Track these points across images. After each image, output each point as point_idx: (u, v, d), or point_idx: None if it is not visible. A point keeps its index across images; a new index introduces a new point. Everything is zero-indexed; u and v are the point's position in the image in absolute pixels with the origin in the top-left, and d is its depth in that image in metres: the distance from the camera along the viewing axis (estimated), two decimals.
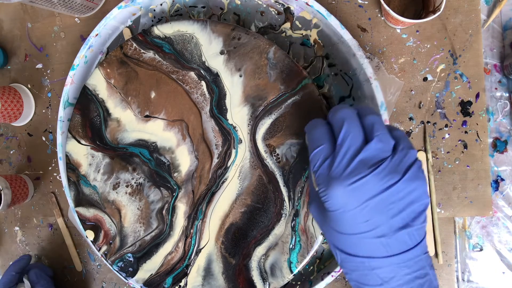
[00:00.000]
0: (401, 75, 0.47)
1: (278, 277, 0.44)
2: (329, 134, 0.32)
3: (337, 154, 0.30)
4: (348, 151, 0.30)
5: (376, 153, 0.29)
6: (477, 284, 0.47)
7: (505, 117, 0.46)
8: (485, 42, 0.46)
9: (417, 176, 0.29)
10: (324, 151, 0.31)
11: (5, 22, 0.62)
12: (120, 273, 0.48)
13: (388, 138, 0.30)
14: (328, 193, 0.30)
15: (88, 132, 0.49)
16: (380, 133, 0.30)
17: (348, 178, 0.29)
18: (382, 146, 0.30)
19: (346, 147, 0.30)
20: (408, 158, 0.30)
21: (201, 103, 0.46)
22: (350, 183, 0.29)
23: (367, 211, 0.29)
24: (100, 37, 0.52)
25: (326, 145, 0.32)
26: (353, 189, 0.29)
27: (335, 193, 0.29)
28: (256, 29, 0.49)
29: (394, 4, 0.46)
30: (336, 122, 0.32)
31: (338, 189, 0.29)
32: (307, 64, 0.48)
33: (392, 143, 0.30)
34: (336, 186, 0.29)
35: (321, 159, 0.31)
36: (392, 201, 0.29)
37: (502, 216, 0.46)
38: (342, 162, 0.30)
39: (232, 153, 0.45)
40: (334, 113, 0.33)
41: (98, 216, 0.49)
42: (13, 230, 0.63)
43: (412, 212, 0.29)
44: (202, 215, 0.46)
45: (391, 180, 0.28)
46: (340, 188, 0.29)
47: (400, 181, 0.28)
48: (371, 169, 0.29)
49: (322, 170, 0.31)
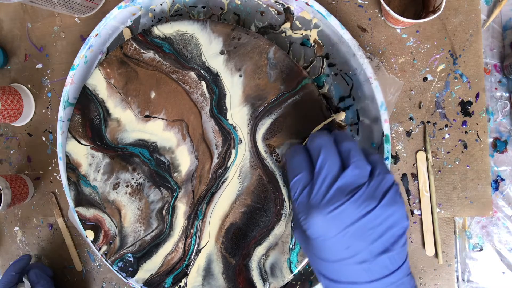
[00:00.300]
0: (401, 75, 0.47)
1: (278, 277, 0.44)
2: (307, 161, 0.33)
3: (315, 182, 0.31)
4: (326, 179, 0.31)
5: (353, 179, 0.30)
6: (477, 284, 0.47)
7: (505, 117, 0.46)
8: (485, 42, 0.46)
9: (394, 201, 0.30)
10: (302, 180, 0.32)
11: (5, 22, 0.62)
12: (120, 273, 0.48)
13: (365, 164, 0.31)
14: (309, 221, 0.30)
15: (88, 132, 0.49)
16: (356, 159, 0.31)
17: (326, 206, 0.30)
18: (359, 172, 0.30)
19: (324, 175, 0.31)
20: (385, 183, 0.30)
21: (201, 103, 0.46)
22: (329, 211, 0.29)
23: (347, 238, 0.29)
24: (100, 37, 0.52)
25: (305, 173, 0.32)
26: (332, 217, 0.29)
27: (315, 222, 0.30)
28: (256, 29, 0.49)
29: (394, 4, 0.46)
30: (314, 150, 0.33)
31: (318, 218, 0.30)
32: (307, 64, 0.48)
33: (368, 168, 0.31)
34: (315, 214, 0.30)
35: (300, 188, 0.32)
36: (371, 227, 0.29)
37: (502, 216, 0.46)
38: (320, 191, 0.31)
39: (232, 153, 0.45)
40: (311, 140, 0.34)
41: (98, 216, 0.49)
42: (13, 230, 0.63)
43: (391, 237, 0.30)
44: (202, 215, 0.46)
45: (368, 207, 0.29)
46: (319, 216, 0.30)
47: (378, 207, 0.29)
48: (349, 197, 0.29)
49: (301, 198, 0.32)
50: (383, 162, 0.32)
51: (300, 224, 0.32)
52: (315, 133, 0.34)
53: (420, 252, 0.47)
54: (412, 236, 0.48)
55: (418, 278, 0.47)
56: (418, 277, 0.47)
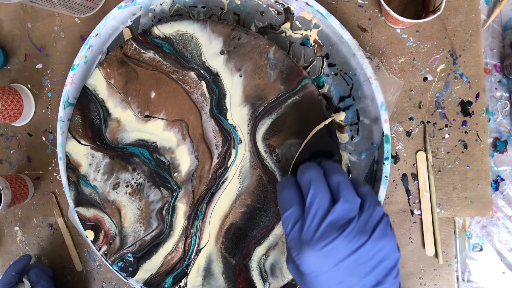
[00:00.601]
0: (401, 75, 0.47)
1: (278, 277, 0.44)
2: (298, 195, 0.34)
3: (306, 218, 0.31)
4: (316, 215, 0.31)
5: (343, 214, 0.31)
6: (477, 284, 0.47)
7: (505, 117, 0.46)
8: (485, 42, 0.46)
9: (385, 234, 0.30)
10: (293, 215, 0.32)
11: (5, 22, 0.62)
12: (120, 273, 0.48)
13: (354, 197, 0.31)
14: (301, 257, 0.31)
15: (88, 132, 0.49)
16: (345, 193, 0.31)
17: (318, 242, 0.30)
18: (349, 206, 0.31)
19: (314, 210, 0.31)
20: (375, 215, 0.31)
21: (201, 103, 0.46)
22: (321, 247, 0.30)
23: (339, 273, 0.30)
24: (100, 37, 0.52)
25: (295, 208, 0.33)
26: (324, 253, 0.30)
27: (307, 258, 0.30)
28: (256, 29, 0.49)
29: (394, 4, 0.46)
30: (304, 184, 0.33)
31: (310, 254, 0.30)
32: (307, 64, 0.48)
33: (358, 201, 0.31)
34: (307, 251, 0.30)
35: (291, 223, 0.32)
36: (363, 261, 0.30)
37: (502, 216, 0.46)
38: (311, 226, 0.31)
39: (232, 153, 0.45)
40: (301, 174, 0.34)
41: (98, 216, 0.49)
42: (13, 230, 0.63)
43: (383, 269, 0.30)
44: (202, 215, 0.46)
45: (359, 241, 0.29)
46: (311, 253, 0.30)
47: (369, 241, 0.30)
48: (339, 232, 0.30)
49: (293, 234, 0.32)
50: (373, 194, 0.33)
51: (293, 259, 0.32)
52: (305, 165, 0.35)
53: (420, 252, 0.47)
54: (412, 236, 0.48)
55: (418, 278, 0.47)
56: (418, 277, 0.47)
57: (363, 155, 0.46)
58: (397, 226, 0.48)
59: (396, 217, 0.48)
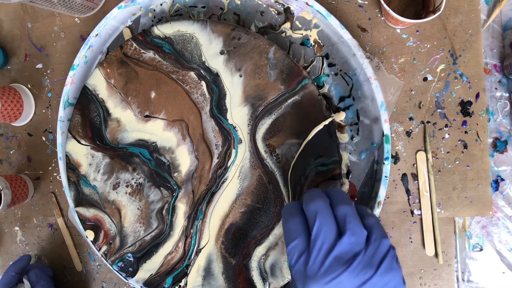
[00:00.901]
0: (401, 75, 0.47)
1: (278, 277, 0.44)
2: (303, 226, 0.33)
3: (311, 250, 0.31)
4: (322, 248, 0.31)
5: (350, 247, 0.30)
6: (477, 284, 0.47)
7: (505, 117, 0.46)
8: (485, 42, 0.46)
9: (391, 267, 0.30)
10: (299, 246, 0.32)
11: (5, 22, 0.62)
12: (120, 273, 0.48)
13: (361, 229, 0.31)
14: None
15: (88, 132, 0.49)
16: (352, 225, 0.31)
17: (323, 277, 0.30)
18: (355, 240, 0.30)
19: (320, 243, 0.31)
20: (381, 249, 0.30)
21: (201, 103, 0.46)
22: (326, 282, 0.29)
23: None
24: (100, 37, 0.52)
25: (301, 239, 0.32)
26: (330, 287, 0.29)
27: None
28: (256, 29, 0.49)
29: (394, 4, 0.46)
30: (309, 214, 0.33)
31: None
32: (307, 64, 0.48)
33: (364, 234, 0.31)
34: (312, 285, 0.30)
35: (296, 255, 0.32)
36: None
37: (502, 216, 0.46)
38: (317, 260, 0.31)
39: (232, 153, 0.45)
40: (307, 203, 0.33)
41: (98, 216, 0.49)
42: (13, 230, 0.63)
43: None
44: (202, 215, 0.46)
45: (365, 275, 0.29)
46: (316, 287, 0.30)
47: (375, 276, 0.29)
48: (345, 266, 0.29)
49: (298, 266, 0.32)
50: (379, 225, 0.32)
51: None
52: (311, 192, 0.34)
53: (420, 252, 0.47)
54: (412, 236, 0.48)
55: (418, 278, 0.47)
56: (418, 277, 0.47)
57: (363, 155, 0.46)
58: (397, 226, 0.48)
59: (396, 217, 0.48)
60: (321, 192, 0.34)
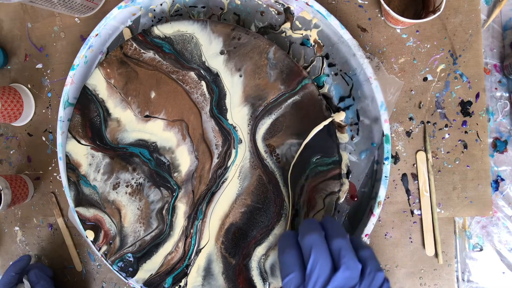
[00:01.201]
0: (401, 75, 0.47)
1: (278, 277, 0.44)
2: (298, 259, 0.33)
3: (306, 285, 0.32)
4: (317, 283, 0.31)
5: (344, 282, 0.31)
6: (477, 284, 0.47)
7: (505, 117, 0.46)
8: (485, 42, 0.46)
9: None
10: (294, 281, 0.32)
11: (5, 22, 0.62)
12: (120, 273, 0.48)
13: (355, 263, 0.31)
14: None
15: (88, 132, 0.49)
16: (346, 259, 0.31)
17: None
18: (350, 274, 0.31)
19: (315, 278, 0.31)
20: (376, 282, 0.31)
21: (201, 103, 0.46)
22: None
23: None
24: (100, 37, 0.52)
25: (296, 274, 0.33)
26: None
27: None
28: (256, 29, 0.49)
29: (394, 4, 0.46)
30: (305, 248, 0.33)
31: None
32: (307, 64, 0.48)
33: (359, 267, 0.31)
34: None
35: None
36: None
37: (502, 216, 0.46)
38: None
39: (232, 153, 0.45)
40: (302, 236, 0.34)
41: (98, 216, 0.49)
42: (13, 230, 0.63)
43: None
44: (202, 215, 0.46)
45: None
46: None
47: None
48: None
49: None
50: (374, 258, 0.33)
51: None
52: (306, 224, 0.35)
53: (420, 252, 0.47)
54: (412, 236, 0.48)
55: (418, 278, 0.47)
56: (418, 277, 0.47)
57: (363, 155, 0.46)
58: (397, 226, 0.48)
59: (396, 217, 0.48)
60: (317, 224, 0.35)
